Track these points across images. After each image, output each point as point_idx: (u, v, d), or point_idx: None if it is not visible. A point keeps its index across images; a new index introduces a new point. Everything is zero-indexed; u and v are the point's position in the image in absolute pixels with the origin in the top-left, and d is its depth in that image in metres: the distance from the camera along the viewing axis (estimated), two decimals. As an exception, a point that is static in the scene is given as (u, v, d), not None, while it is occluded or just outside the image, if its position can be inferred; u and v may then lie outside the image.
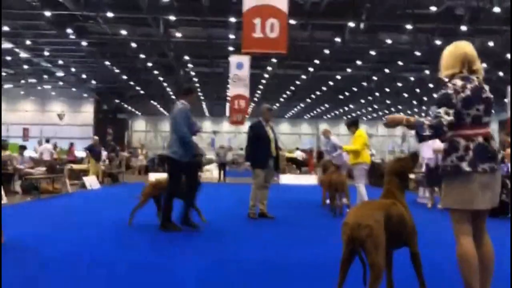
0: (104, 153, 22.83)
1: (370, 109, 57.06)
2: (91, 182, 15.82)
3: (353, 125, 9.42)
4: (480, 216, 3.06)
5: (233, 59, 15.68)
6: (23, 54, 30.35)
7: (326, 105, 53.45)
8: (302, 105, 53.30)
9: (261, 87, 40.48)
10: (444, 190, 3.09)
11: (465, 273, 2.97)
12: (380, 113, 60.15)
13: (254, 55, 15.19)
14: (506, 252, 5.96)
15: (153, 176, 21.04)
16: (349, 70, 34.26)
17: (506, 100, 28.61)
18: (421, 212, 10.11)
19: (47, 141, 25.66)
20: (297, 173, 25.05)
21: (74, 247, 6.25)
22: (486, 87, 3.08)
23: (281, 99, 46.64)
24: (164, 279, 4.69)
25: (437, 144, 9.74)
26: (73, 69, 37.06)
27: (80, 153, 26.12)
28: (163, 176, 8.71)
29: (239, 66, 15.28)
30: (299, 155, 26.73)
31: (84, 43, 27.43)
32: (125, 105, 49.64)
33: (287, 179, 21.87)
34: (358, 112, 60.02)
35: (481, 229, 3.12)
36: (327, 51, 27.70)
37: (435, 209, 10.45)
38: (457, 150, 2.95)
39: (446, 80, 3.03)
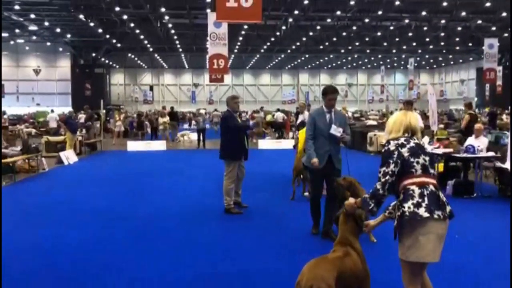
0: (81, 117, 22.48)
1: (350, 58, 56.91)
2: (68, 156, 15.26)
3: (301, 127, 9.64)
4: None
5: (211, 17, 15.18)
6: (-8, 8, 29.21)
7: (306, 56, 53.10)
8: (282, 55, 52.87)
9: (241, 38, 39.89)
10: (404, 243, 3.15)
11: None
12: (360, 62, 60.17)
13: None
14: (472, 231, 6.29)
15: (132, 146, 20.58)
16: (329, 20, 33.95)
17: (483, 47, 28.96)
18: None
19: (52, 110, 27.09)
20: (275, 137, 24.24)
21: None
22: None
23: (262, 50, 46.14)
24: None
25: None
26: (46, 23, 35.91)
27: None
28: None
29: (216, 24, 14.88)
30: (279, 116, 25.94)
31: (56, -4, 26.52)
32: (102, 59, 48.60)
33: (266, 144, 21.09)
34: (338, 62, 59.91)
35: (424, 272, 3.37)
36: (306, 1, 27.32)
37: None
38: (413, 197, 3.10)
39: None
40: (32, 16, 32.79)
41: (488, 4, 27.95)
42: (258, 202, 8.68)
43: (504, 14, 31.21)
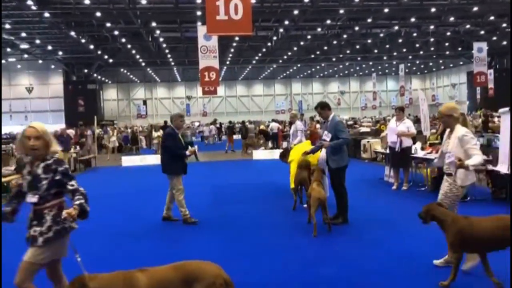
0: (71, 132, 22.41)
1: (341, 66, 57.29)
2: None
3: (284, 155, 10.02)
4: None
5: (201, 30, 15.29)
6: (-17, 28, 29.24)
7: (298, 65, 53.43)
8: (274, 66, 53.15)
9: (232, 50, 40.13)
10: (51, 247, 3.90)
11: None
12: (352, 69, 60.54)
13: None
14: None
15: (126, 161, 20.49)
16: (319, 29, 34.22)
17: (473, 52, 29.28)
18: (387, 193, 10.43)
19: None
20: (269, 148, 24.23)
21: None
22: None
23: (254, 61, 46.39)
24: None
25: (401, 128, 10.25)
26: (37, 41, 35.98)
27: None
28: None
29: (207, 37, 14.97)
30: (274, 126, 25.95)
31: (46, 14, 26.58)
32: (95, 75, 48.68)
33: (260, 155, 21.16)
34: (330, 70, 60.26)
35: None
36: (296, 11, 27.53)
37: (400, 191, 10.44)
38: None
39: None
40: (23, 34, 32.86)
41: (475, 9, 28.30)
42: (255, 212, 8.77)
43: (492, 18, 31.60)
